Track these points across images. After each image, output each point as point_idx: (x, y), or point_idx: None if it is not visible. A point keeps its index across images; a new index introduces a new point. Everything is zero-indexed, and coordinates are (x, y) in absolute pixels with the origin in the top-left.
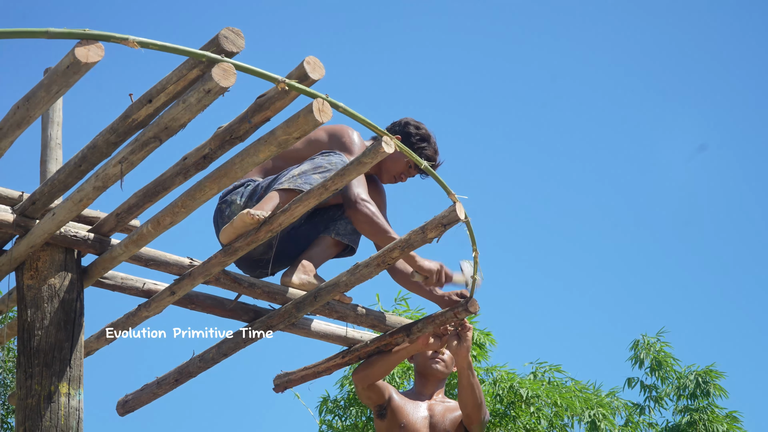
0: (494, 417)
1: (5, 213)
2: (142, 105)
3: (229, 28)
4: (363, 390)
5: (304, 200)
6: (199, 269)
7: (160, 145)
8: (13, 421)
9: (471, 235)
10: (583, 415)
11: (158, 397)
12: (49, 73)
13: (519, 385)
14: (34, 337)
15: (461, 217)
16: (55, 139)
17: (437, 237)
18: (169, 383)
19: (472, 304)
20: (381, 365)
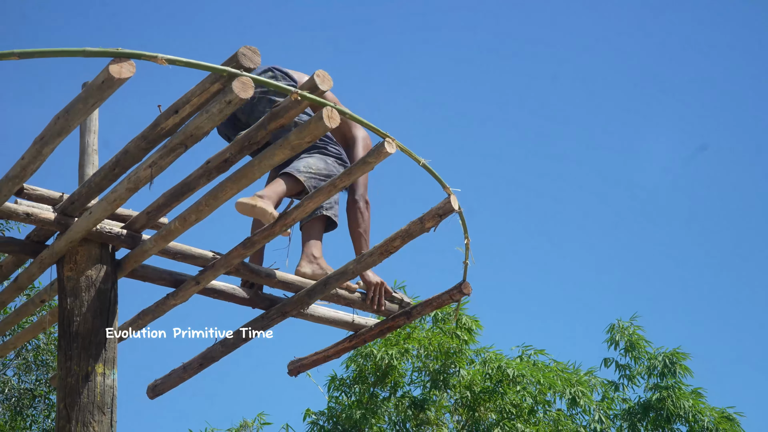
0: (483, 393)
1: (47, 212)
2: (169, 115)
3: (246, 47)
4: None
5: (315, 197)
6: (221, 261)
7: (185, 151)
8: (55, 398)
9: (463, 224)
10: (564, 392)
11: (184, 381)
12: (86, 87)
13: (506, 366)
14: (73, 323)
15: (455, 207)
16: (92, 146)
17: (434, 226)
18: (194, 368)
19: (466, 286)
20: None
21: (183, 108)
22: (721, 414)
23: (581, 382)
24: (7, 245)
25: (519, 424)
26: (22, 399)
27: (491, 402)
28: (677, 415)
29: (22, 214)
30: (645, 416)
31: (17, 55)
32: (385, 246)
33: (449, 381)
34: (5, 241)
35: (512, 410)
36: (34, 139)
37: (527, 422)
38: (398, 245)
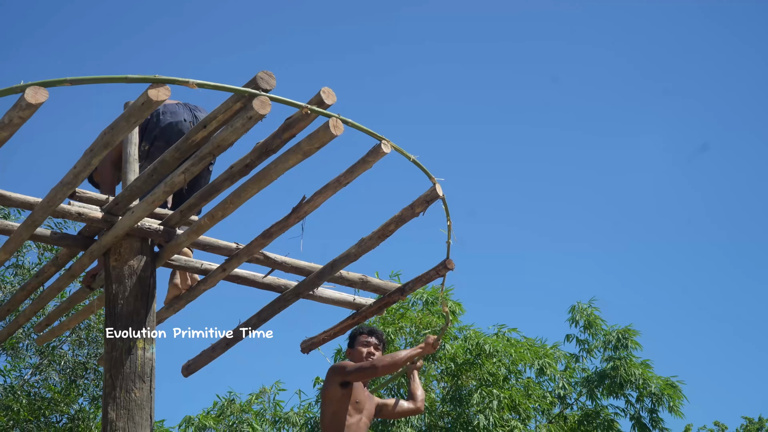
0: (465, 364)
1: (96, 212)
2: (198, 129)
3: (264, 71)
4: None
5: (324, 193)
6: (244, 251)
7: (213, 159)
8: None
9: (446, 208)
10: (533, 363)
11: (213, 359)
12: (128, 107)
13: (484, 342)
14: (118, 305)
15: (440, 194)
16: (133, 156)
17: (422, 211)
18: (221, 347)
19: (449, 262)
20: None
21: (210, 123)
22: (665, 382)
23: (547, 354)
24: (63, 240)
25: (495, 390)
26: (75, 370)
27: (471, 372)
28: (628, 382)
29: (75, 213)
30: (601, 383)
31: (69, 81)
32: (382, 231)
33: (437, 354)
34: (61, 236)
35: (489, 378)
36: (84, 151)
37: (502, 388)
38: (393, 229)
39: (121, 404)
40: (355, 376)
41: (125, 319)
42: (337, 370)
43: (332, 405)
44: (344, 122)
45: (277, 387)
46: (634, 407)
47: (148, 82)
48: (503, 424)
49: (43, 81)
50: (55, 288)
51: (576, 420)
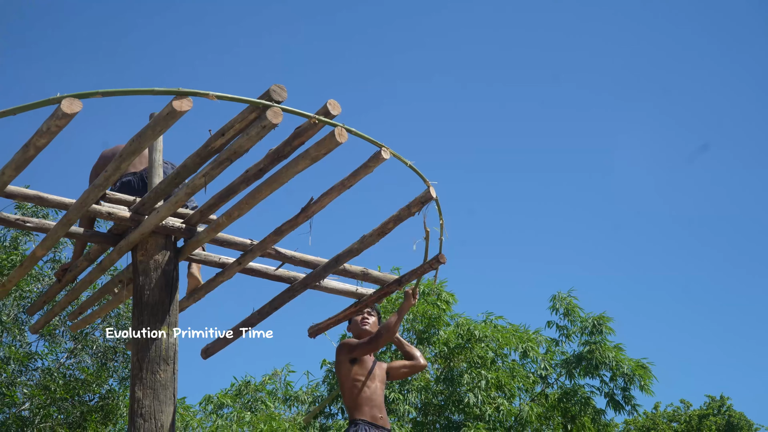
0: (456, 348)
1: (124, 211)
2: (217, 137)
3: (276, 85)
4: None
5: (330, 194)
6: (257, 246)
7: (230, 164)
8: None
9: (438, 208)
10: (517, 347)
11: (230, 343)
12: (154, 118)
13: (473, 328)
14: (144, 295)
15: (433, 196)
16: (158, 161)
17: (418, 211)
18: (237, 333)
19: (442, 257)
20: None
21: (228, 131)
22: (636, 363)
23: (530, 339)
24: (94, 237)
25: (483, 371)
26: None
27: (462, 355)
28: (603, 364)
29: (105, 213)
30: (578, 364)
31: (101, 93)
32: (381, 228)
33: (431, 339)
34: (92, 233)
35: (478, 361)
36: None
37: (489, 370)
38: (391, 227)
39: (147, 384)
40: (360, 352)
41: (151, 307)
42: (344, 349)
43: (348, 380)
44: (348, 131)
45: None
46: (608, 386)
47: (172, 94)
48: (491, 402)
49: (78, 93)
50: (88, 280)
51: (556, 397)
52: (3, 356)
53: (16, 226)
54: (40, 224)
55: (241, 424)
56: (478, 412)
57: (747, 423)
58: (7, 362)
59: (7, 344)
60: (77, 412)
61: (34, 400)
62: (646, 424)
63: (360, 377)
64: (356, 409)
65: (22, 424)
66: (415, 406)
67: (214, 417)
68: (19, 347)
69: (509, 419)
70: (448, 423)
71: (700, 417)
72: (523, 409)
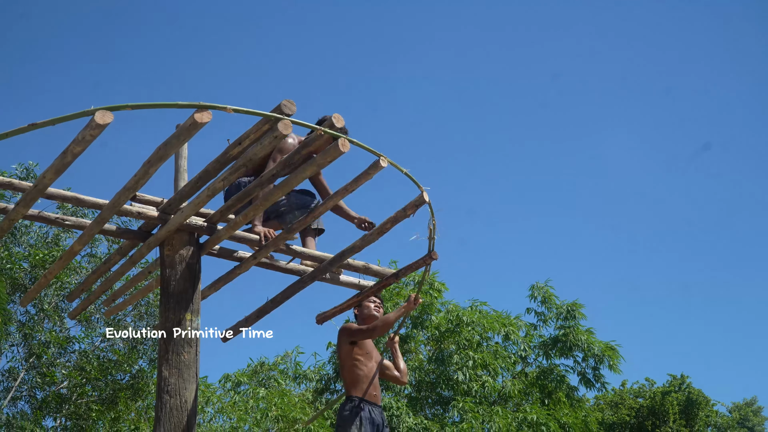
0: (446, 332)
1: (153, 211)
2: (234, 146)
3: (287, 100)
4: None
5: (334, 197)
6: (271, 243)
7: (245, 171)
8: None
9: (431, 210)
10: (500, 331)
11: (247, 328)
12: (179, 128)
13: (462, 314)
14: (171, 286)
15: (426, 200)
16: (183, 167)
17: (413, 213)
18: (252, 319)
19: (434, 254)
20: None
21: (244, 141)
22: (606, 345)
23: (511, 324)
24: (126, 234)
25: (470, 352)
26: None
27: (452, 338)
28: (576, 346)
29: (135, 212)
30: (554, 346)
31: (130, 107)
32: (380, 228)
33: (424, 324)
34: (124, 231)
35: (466, 343)
36: (143, 163)
37: (476, 351)
38: (389, 227)
39: (173, 364)
40: (359, 336)
41: (176, 296)
42: (345, 332)
43: (348, 360)
44: (351, 142)
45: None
46: (581, 366)
47: (194, 108)
48: (477, 379)
49: (109, 106)
50: (120, 272)
51: (534, 375)
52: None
53: (56, 224)
54: (77, 222)
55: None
56: (466, 389)
57: (705, 399)
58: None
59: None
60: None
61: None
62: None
63: (359, 357)
64: (353, 386)
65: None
66: (410, 383)
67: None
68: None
69: (493, 394)
70: (440, 398)
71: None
72: (505, 385)
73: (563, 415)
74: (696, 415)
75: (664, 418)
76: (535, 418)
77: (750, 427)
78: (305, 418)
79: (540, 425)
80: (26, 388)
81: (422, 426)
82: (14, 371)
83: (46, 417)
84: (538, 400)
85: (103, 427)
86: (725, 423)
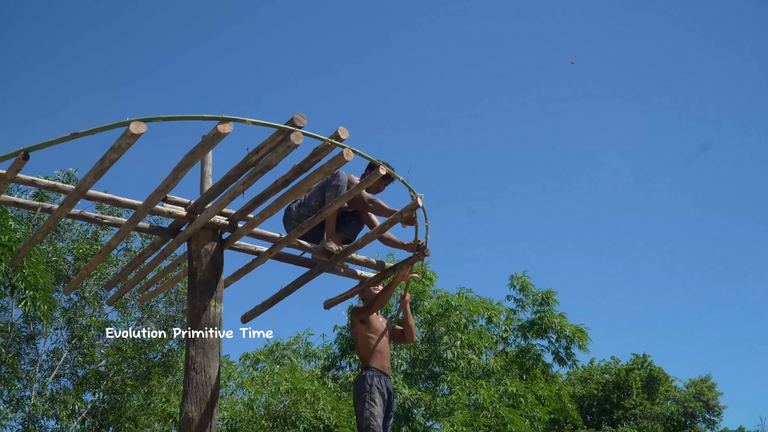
0: (437, 316)
1: (181, 211)
2: (253, 154)
3: (299, 114)
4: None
5: (339, 200)
6: (284, 239)
7: (262, 176)
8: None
9: (424, 213)
10: (484, 315)
11: (262, 312)
12: (204, 138)
13: (450, 299)
14: (197, 276)
15: (420, 205)
16: (207, 173)
17: (408, 215)
18: (267, 304)
19: (427, 251)
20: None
21: (261, 150)
22: (576, 328)
23: (494, 308)
24: (158, 231)
25: (458, 334)
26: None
27: (442, 321)
28: (550, 328)
29: (166, 212)
30: (531, 329)
31: (162, 118)
32: (380, 228)
33: (418, 308)
34: (156, 228)
35: (454, 325)
36: (173, 168)
37: (463, 332)
38: (387, 227)
39: (199, 345)
40: (366, 311)
41: (202, 285)
42: (354, 313)
43: (361, 337)
44: (354, 152)
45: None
46: (554, 345)
47: (217, 120)
48: (463, 357)
49: (143, 118)
50: (152, 264)
51: (514, 354)
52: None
53: (96, 222)
54: (114, 221)
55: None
56: (454, 365)
57: (664, 375)
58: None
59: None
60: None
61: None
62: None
63: (370, 334)
64: (368, 358)
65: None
66: (405, 360)
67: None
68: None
69: (478, 370)
70: (431, 374)
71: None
72: (489, 362)
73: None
74: (657, 389)
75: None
76: (514, 390)
77: (705, 401)
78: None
79: (518, 396)
80: (68, 367)
81: (416, 397)
82: (58, 352)
83: (86, 392)
84: (518, 375)
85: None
86: (683, 397)
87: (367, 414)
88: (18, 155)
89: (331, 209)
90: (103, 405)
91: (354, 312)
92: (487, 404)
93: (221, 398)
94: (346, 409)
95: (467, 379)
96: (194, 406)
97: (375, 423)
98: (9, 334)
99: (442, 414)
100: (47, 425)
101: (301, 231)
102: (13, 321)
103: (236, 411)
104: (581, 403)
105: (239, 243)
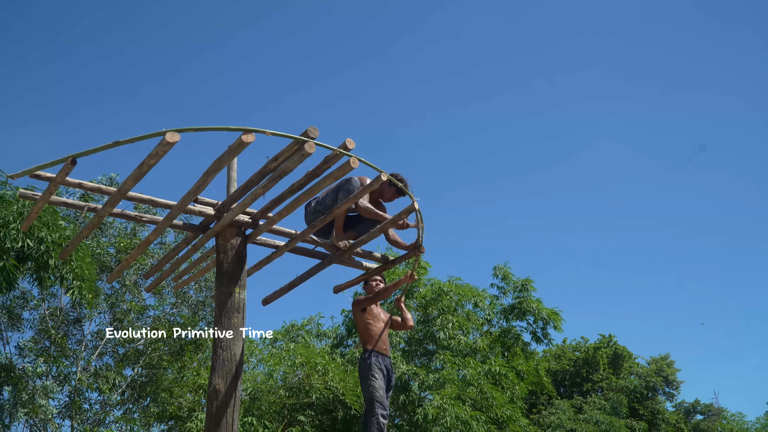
0: (430, 300)
1: (210, 210)
2: (271, 162)
3: (312, 126)
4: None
5: (345, 203)
6: (299, 235)
7: (280, 180)
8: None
9: (420, 216)
10: (471, 300)
11: (280, 297)
12: (229, 147)
13: (442, 286)
14: (224, 267)
15: (416, 207)
16: (233, 177)
17: (406, 217)
18: (284, 290)
19: (422, 248)
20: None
21: (279, 157)
22: (551, 311)
23: (479, 294)
24: (190, 227)
25: (449, 316)
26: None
27: (435, 305)
28: (528, 311)
29: (197, 211)
30: (512, 312)
31: (194, 129)
32: (381, 227)
33: (414, 294)
34: (188, 225)
35: (445, 309)
36: (203, 173)
37: (453, 315)
38: (388, 227)
39: (225, 326)
40: (365, 303)
41: (228, 275)
42: (355, 304)
43: (361, 323)
44: (359, 160)
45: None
46: (532, 326)
47: (241, 131)
48: (453, 337)
49: (177, 128)
50: (185, 256)
51: (497, 334)
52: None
53: (135, 219)
54: (151, 219)
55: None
56: (446, 344)
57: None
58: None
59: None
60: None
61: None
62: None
63: (369, 321)
64: (368, 342)
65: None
66: (403, 339)
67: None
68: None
69: (467, 348)
70: (426, 351)
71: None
72: (476, 342)
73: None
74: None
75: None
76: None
77: (664, 376)
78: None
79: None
80: (110, 346)
81: (412, 372)
82: (101, 333)
83: (126, 367)
84: (500, 353)
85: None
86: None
87: (371, 388)
88: (66, 161)
89: (340, 210)
90: (141, 378)
91: (355, 303)
92: (474, 381)
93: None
94: (351, 381)
95: (457, 357)
96: (221, 379)
97: (379, 393)
98: (58, 318)
99: (434, 387)
100: (90, 397)
101: (314, 228)
102: (62, 306)
103: (257, 383)
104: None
105: (260, 238)
